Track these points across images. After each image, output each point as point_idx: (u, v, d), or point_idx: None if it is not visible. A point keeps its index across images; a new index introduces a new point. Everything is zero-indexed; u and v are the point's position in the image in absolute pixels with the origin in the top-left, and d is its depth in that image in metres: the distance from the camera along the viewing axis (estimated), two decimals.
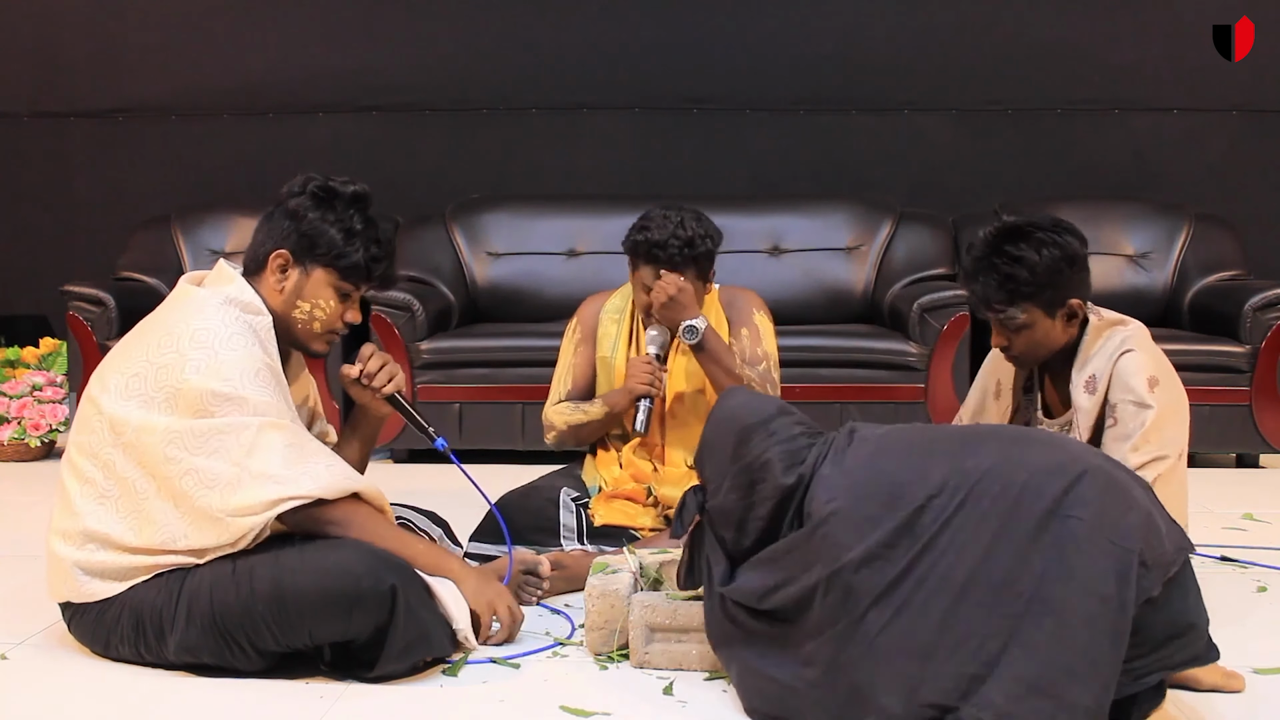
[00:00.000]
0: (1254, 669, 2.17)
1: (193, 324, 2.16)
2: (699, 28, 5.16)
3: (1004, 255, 2.31)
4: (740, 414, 2.03)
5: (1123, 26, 5.09)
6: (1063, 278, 2.32)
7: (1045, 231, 2.33)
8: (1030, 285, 2.30)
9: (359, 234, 2.24)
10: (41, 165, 5.37)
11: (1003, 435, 1.95)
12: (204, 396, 2.10)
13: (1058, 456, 1.82)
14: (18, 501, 3.78)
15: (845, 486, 1.87)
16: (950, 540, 1.77)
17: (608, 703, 2.03)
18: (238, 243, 4.93)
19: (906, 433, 1.99)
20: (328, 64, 5.22)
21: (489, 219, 4.89)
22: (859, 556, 1.79)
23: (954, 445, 1.89)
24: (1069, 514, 1.74)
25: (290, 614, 2.05)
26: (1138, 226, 4.83)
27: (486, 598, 2.26)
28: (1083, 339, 2.40)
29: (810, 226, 4.83)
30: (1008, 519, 1.75)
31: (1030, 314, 2.34)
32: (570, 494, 2.87)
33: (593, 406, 2.90)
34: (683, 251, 2.77)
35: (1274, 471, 4.32)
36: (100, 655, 2.21)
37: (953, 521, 1.77)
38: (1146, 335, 2.43)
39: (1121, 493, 1.79)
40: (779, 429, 1.98)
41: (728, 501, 2.00)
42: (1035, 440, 1.91)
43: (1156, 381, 2.34)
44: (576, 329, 3.03)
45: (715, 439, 2.05)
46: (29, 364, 4.56)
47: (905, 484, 1.83)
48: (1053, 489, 1.76)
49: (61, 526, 2.18)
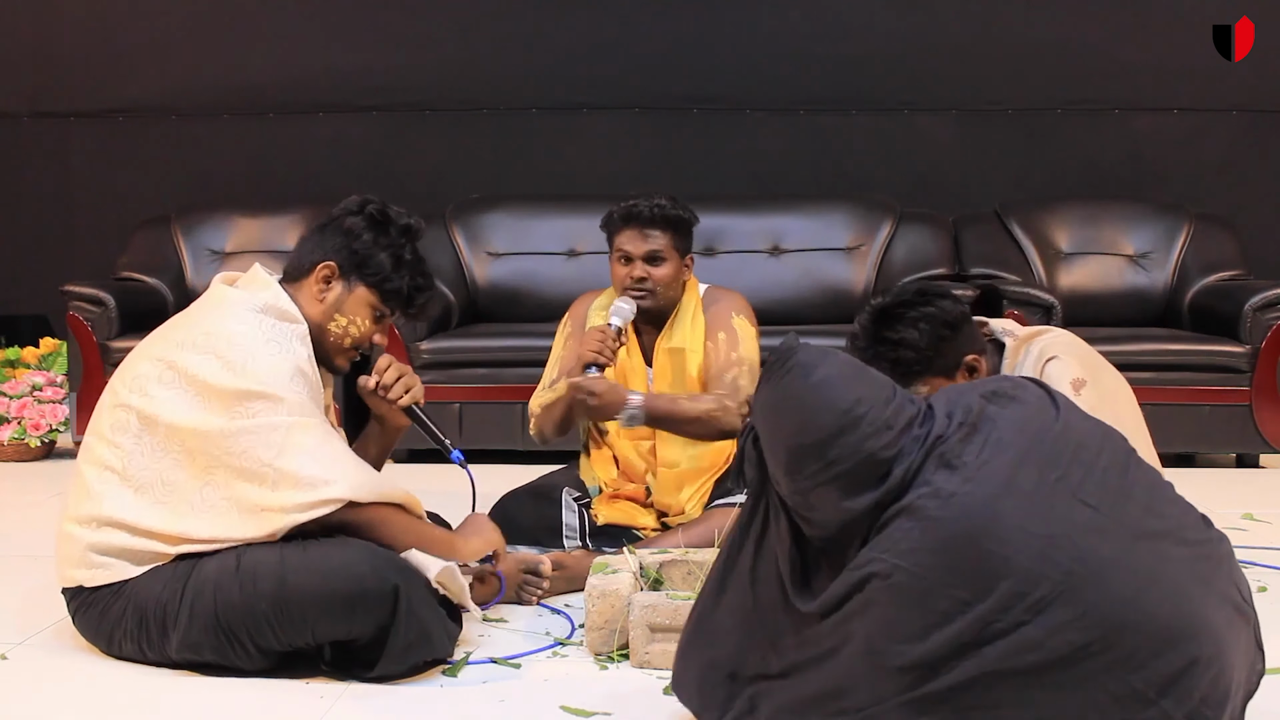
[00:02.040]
0: None
1: (229, 326, 2.17)
2: (699, 28, 5.16)
3: (885, 342, 2.29)
4: (830, 409, 1.65)
5: (1123, 26, 5.10)
6: (947, 344, 2.30)
7: (914, 307, 2.30)
8: (919, 363, 2.29)
9: (407, 264, 2.30)
10: (41, 165, 5.37)
11: (1137, 527, 1.59)
12: (239, 396, 2.10)
13: (1182, 617, 1.53)
14: (18, 501, 3.78)
15: (923, 542, 1.56)
16: (1004, 679, 1.51)
17: (608, 703, 2.03)
18: (238, 243, 4.94)
19: (1036, 452, 1.62)
20: (328, 64, 5.22)
21: (489, 219, 4.90)
22: (908, 663, 1.53)
23: (1082, 520, 1.56)
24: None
25: (293, 613, 2.05)
26: (1138, 226, 4.83)
27: (483, 537, 2.35)
28: (1001, 364, 2.40)
29: (810, 226, 4.83)
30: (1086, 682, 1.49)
31: (932, 384, 2.31)
32: (572, 493, 2.87)
33: (559, 384, 2.90)
34: (662, 208, 2.87)
35: (1274, 471, 4.32)
36: (103, 652, 2.21)
37: (1019, 668, 1.50)
38: (1069, 339, 2.42)
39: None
40: (895, 420, 1.65)
41: (801, 490, 1.68)
42: (1170, 560, 1.59)
43: (1082, 383, 2.32)
44: (567, 324, 3.06)
45: (790, 420, 1.67)
46: (29, 364, 4.56)
47: (997, 571, 1.52)
48: (1155, 678, 1.50)
49: (76, 511, 2.17)
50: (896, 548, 1.57)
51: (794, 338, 1.74)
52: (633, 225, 2.88)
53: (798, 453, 1.65)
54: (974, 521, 1.55)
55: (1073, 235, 4.84)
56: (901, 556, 1.56)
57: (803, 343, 1.73)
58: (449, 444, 2.43)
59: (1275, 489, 4.02)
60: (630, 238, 2.88)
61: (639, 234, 2.88)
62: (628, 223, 2.89)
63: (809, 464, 1.64)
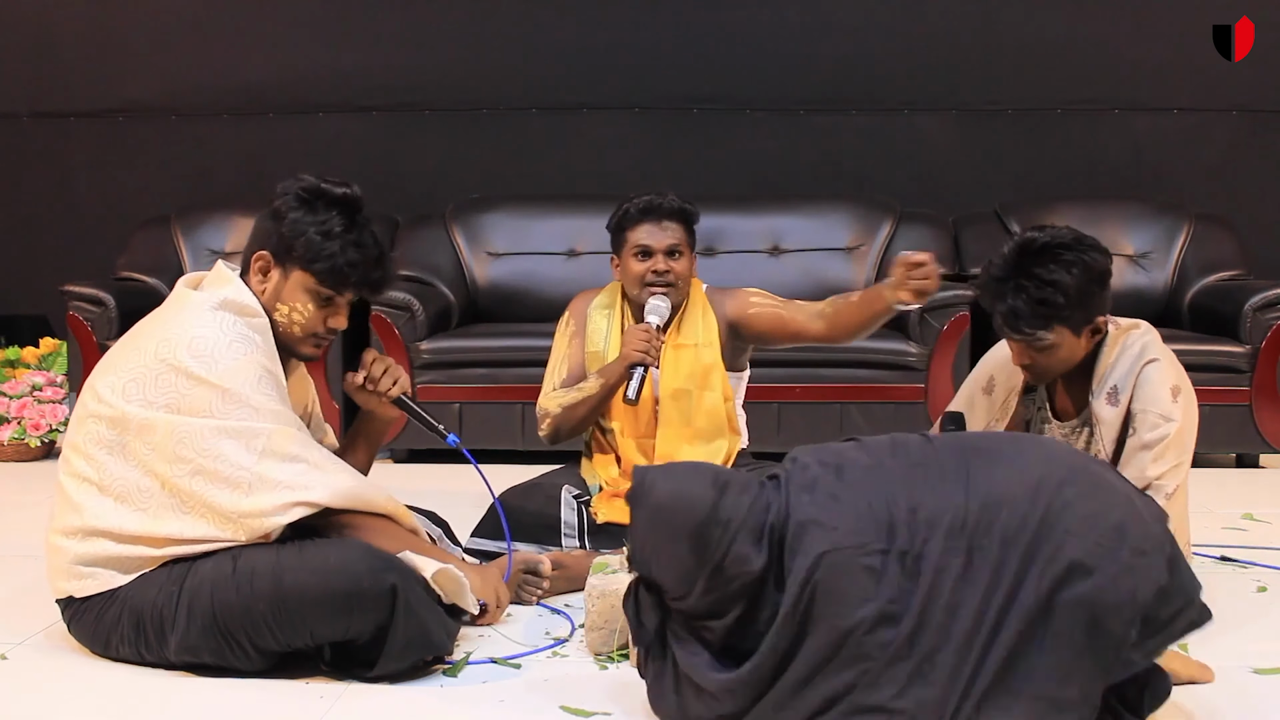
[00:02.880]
0: (1254, 669, 2.18)
1: (190, 330, 2.15)
2: (699, 28, 5.16)
3: (1033, 278, 2.26)
4: (679, 513, 1.82)
5: (1123, 26, 5.09)
6: (1093, 298, 2.29)
7: (1071, 250, 2.28)
8: (1065, 309, 2.26)
9: (337, 237, 2.19)
10: (41, 165, 5.37)
11: (971, 454, 1.85)
12: (210, 400, 2.10)
13: (1034, 473, 1.79)
14: (18, 501, 3.78)
15: (831, 536, 1.77)
16: (951, 592, 1.73)
17: (608, 703, 2.03)
18: (237, 243, 4.92)
19: (863, 456, 1.88)
20: (328, 64, 5.21)
21: (489, 219, 4.90)
22: (871, 616, 1.73)
23: (930, 472, 1.83)
24: (1050, 532, 1.72)
25: (291, 613, 2.05)
26: (1138, 226, 4.83)
27: (490, 586, 2.35)
28: (1100, 348, 2.39)
29: (810, 226, 4.83)
30: (1000, 563, 1.72)
31: (1059, 335, 2.30)
32: (571, 491, 2.87)
33: (587, 384, 2.89)
34: (675, 203, 2.90)
35: (1274, 471, 4.32)
36: (100, 655, 2.21)
37: (949, 568, 1.73)
38: (1159, 338, 2.42)
39: (1104, 488, 1.79)
40: (729, 512, 1.81)
41: (703, 603, 1.83)
42: (1005, 455, 1.85)
43: (1179, 391, 2.33)
44: (569, 321, 3.05)
45: (661, 548, 1.84)
46: (29, 364, 4.56)
47: (896, 524, 1.77)
48: (1035, 511, 1.74)
49: (61, 524, 2.18)
50: (815, 546, 1.75)
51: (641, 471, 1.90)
52: (651, 219, 2.90)
53: (702, 527, 1.79)
54: (860, 496, 1.79)
55: None
56: (826, 544, 1.75)
57: (644, 474, 1.89)
58: (443, 429, 2.43)
59: (1275, 489, 4.01)
60: (650, 231, 2.89)
61: (658, 227, 2.89)
62: (646, 216, 2.90)
63: (713, 532, 1.79)
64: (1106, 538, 1.72)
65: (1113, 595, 1.69)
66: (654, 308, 2.87)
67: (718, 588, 1.80)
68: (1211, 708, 1.99)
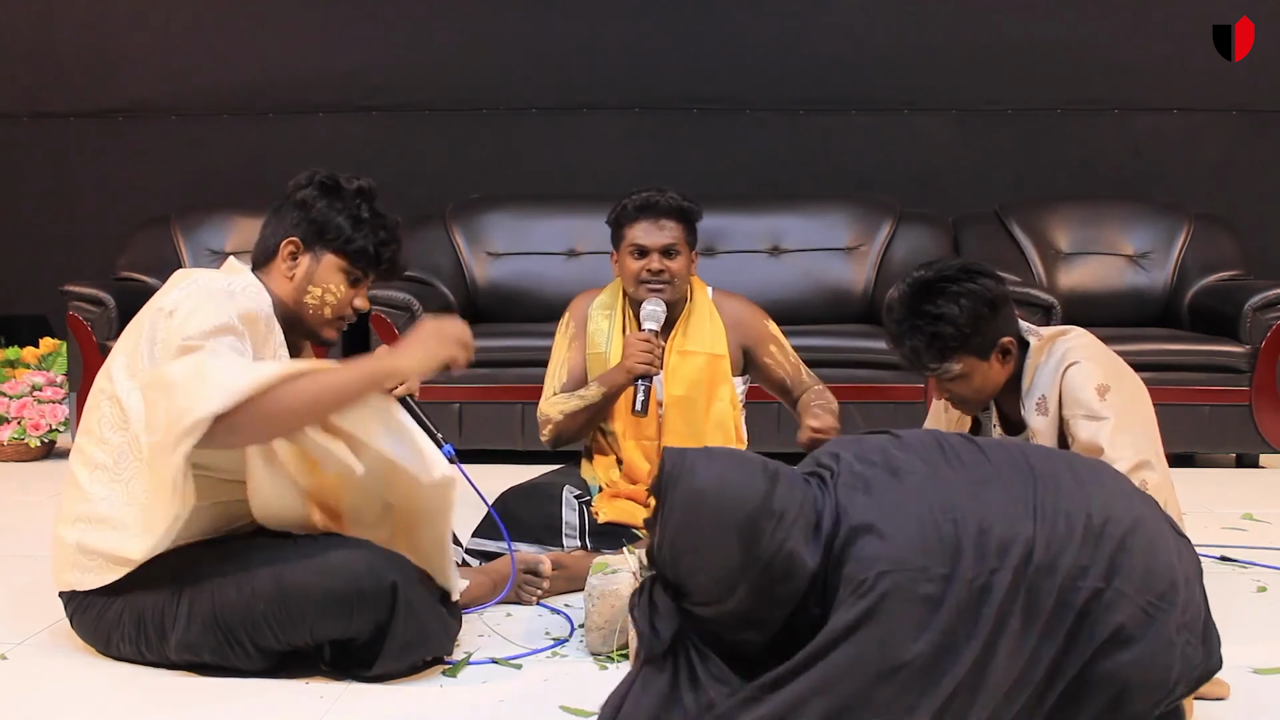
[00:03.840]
0: (1254, 669, 2.18)
1: (174, 295, 2.14)
2: (699, 28, 5.16)
3: (924, 315, 2.28)
4: (727, 501, 1.63)
5: (1123, 26, 5.10)
6: (987, 322, 2.29)
7: (957, 282, 2.28)
8: (956, 339, 2.27)
9: (366, 221, 2.30)
10: (41, 165, 5.37)
11: (1037, 476, 1.72)
12: (167, 324, 2.06)
13: (1097, 513, 1.68)
14: (18, 501, 3.78)
15: (892, 549, 1.60)
16: (1013, 638, 1.61)
17: None
18: (238, 243, 4.93)
19: (916, 459, 1.73)
20: (328, 64, 5.22)
21: (489, 219, 4.90)
22: (927, 651, 1.57)
23: (995, 488, 1.70)
24: (1107, 586, 1.64)
25: (291, 612, 2.05)
26: (1138, 226, 4.83)
27: (436, 349, 2.16)
28: (1025, 362, 2.40)
29: (810, 226, 4.83)
30: (1056, 616, 1.63)
31: (965, 363, 2.30)
32: (573, 491, 2.86)
33: (589, 391, 2.88)
34: (675, 199, 2.86)
35: (1274, 471, 4.32)
36: (101, 653, 2.21)
37: (1013, 611, 1.61)
38: (1090, 340, 2.40)
39: (1164, 540, 1.72)
40: (783, 504, 1.64)
41: (740, 609, 1.65)
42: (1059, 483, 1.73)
43: (1107, 388, 2.31)
44: (569, 324, 3.02)
45: (702, 541, 1.64)
46: (29, 364, 4.56)
47: (962, 549, 1.61)
48: (1097, 563, 1.64)
49: (70, 513, 2.17)
50: (877, 559, 1.60)
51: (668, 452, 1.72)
52: (648, 217, 2.85)
53: (752, 519, 1.62)
54: (924, 506, 1.65)
55: (1073, 235, 4.84)
56: (889, 563, 1.60)
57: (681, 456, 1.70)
58: (441, 438, 2.42)
59: (1275, 489, 4.01)
60: (646, 230, 2.85)
61: (654, 226, 2.85)
62: (643, 214, 2.86)
63: (765, 523, 1.63)
64: (1156, 605, 1.64)
65: (1149, 673, 1.63)
66: (650, 314, 2.84)
67: (762, 592, 1.62)
68: (1212, 708, 1.99)
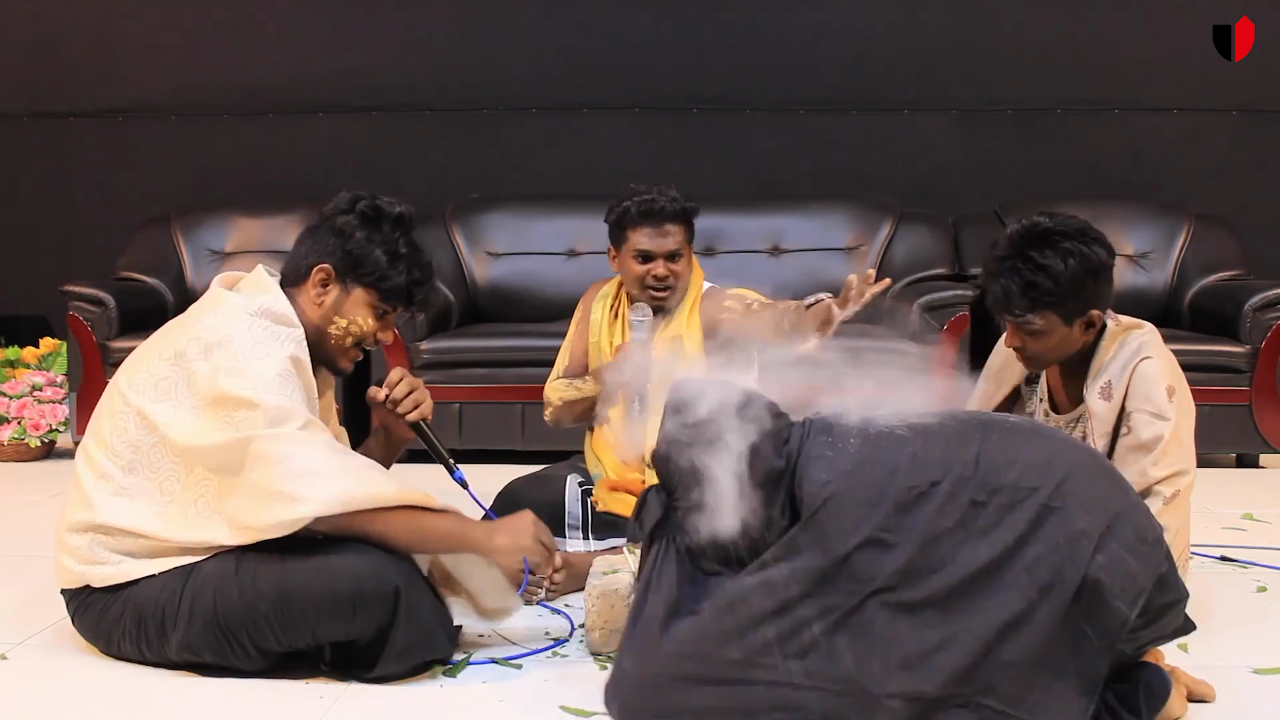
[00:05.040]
0: (1254, 669, 2.18)
1: (222, 333, 2.14)
2: (699, 28, 5.16)
3: (1028, 261, 2.26)
4: (717, 391, 1.93)
5: (1123, 26, 5.09)
6: (1086, 289, 2.28)
7: (1072, 240, 2.28)
8: (1052, 295, 2.26)
9: (403, 257, 2.25)
10: (41, 165, 5.37)
11: (990, 426, 1.91)
12: (227, 404, 2.08)
13: (1048, 450, 1.85)
14: (18, 501, 3.78)
15: (839, 470, 1.84)
16: (949, 539, 1.77)
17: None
18: (238, 243, 4.94)
19: (890, 420, 1.93)
20: (328, 64, 5.22)
21: (489, 219, 4.90)
22: (859, 540, 1.78)
23: (945, 433, 1.88)
24: (1061, 504, 1.78)
25: (294, 614, 2.05)
26: (1138, 226, 4.83)
27: (528, 544, 2.19)
28: (1099, 343, 2.38)
29: (810, 226, 4.84)
30: (1001, 517, 1.77)
31: (1048, 321, 2.29)
32: (577, 479, 2.88)
33: (585, 383, 2.91)
34: (676, 202, 2.83)
35: (1274, 471, 4.32)
36: (102, 652, 2.22)
37: (947, 512, 1.78)
38: (1160, 340, 2.41)
39: (1112, 480, 1.86)
40: (754, 411, 1.91)
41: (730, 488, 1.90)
42: (1023, 432, 1.91)
43: (1174, 390, 2.31)
44: (579, 310, 3.06)
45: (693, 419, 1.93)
46: (29, 364, 4.56)
47: (899, 469, 1.82)
48: (1046, 482, 1.79)
49: (75, 517, 2.17)
50: (821, 476, 1.84)
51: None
52: (653, 222, 2.83)
53: (736, 402, 1.90)
54: (867, 437, 1.87)
55: None
56: (830, 474, 1.84)
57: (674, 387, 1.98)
58: (453, 463, 2.41)
59: (1275, 489, 4.02)
60: (649, 235, 2.83)
61: (658, 231, 2.83)
62: (646, 219, 2.83)
63: (749, 405, 1.90)
64: (1114, 521, 1.77)
65: (1117, 574, 1.74)
66: (637, 324, 2.83)
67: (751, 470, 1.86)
68: (1212, 707, 1.99)
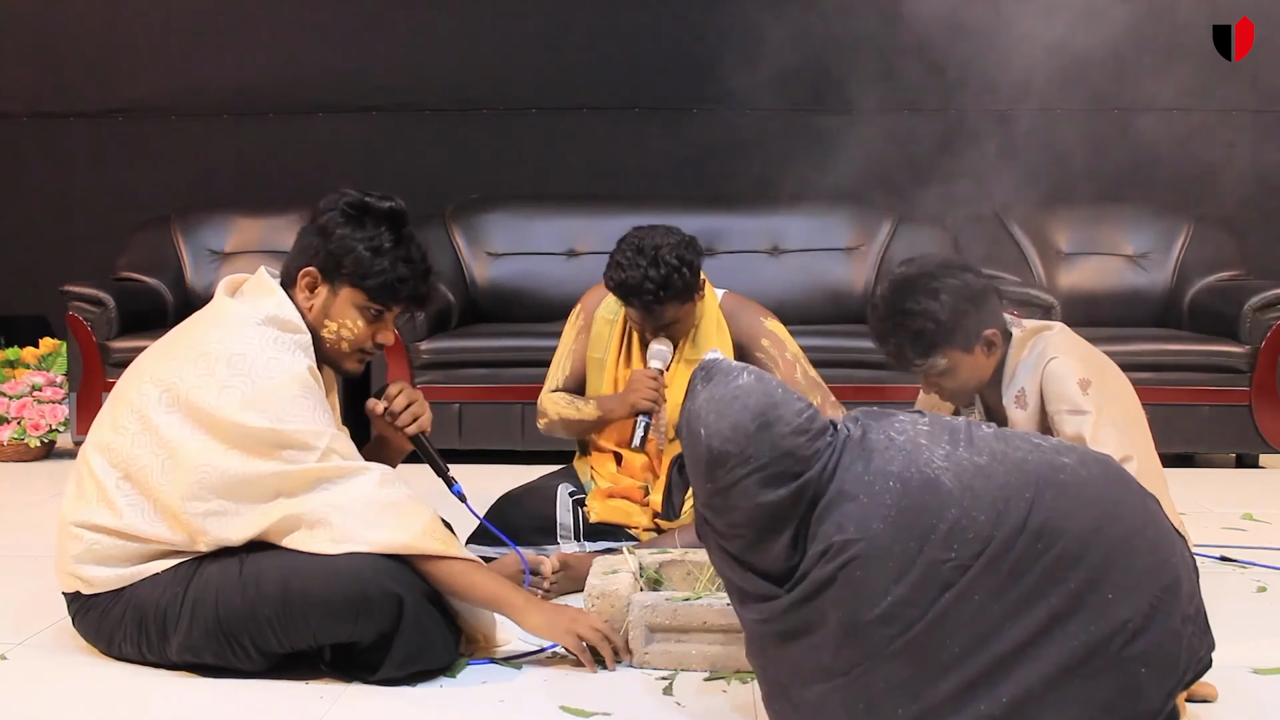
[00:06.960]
0: (1254, 669, 2.18)
1: (230, 347, 2.12)
2: (699, 28, 5.16)
3: (905, 314, 2.28)
4: (753, 386, 1.79)
5: (1122, 27, 5.09)
6: (969, 316, 2.29)
7: (935, 278, 2.29)
8: (939, 334, 2.28)
9: (387, 253, 2.18)
10: (41, 165, 5.37)
11: (1044, 484, 1.76)
12: (240, 431, 2.06)
13: (1098, 516, 1.73)
14: (18, 501, 3.78)
15: (870, 529, 1.70)
16: (981, 616, 1.68)
17: (608, 703, 2.03)
18: (238, 243, 4.94)
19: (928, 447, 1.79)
20: (328, 64, 5.21)
21: (489, 219, 4.90)
22: (882, 613, 1.68)
23: (992, 490, 1.74)
24: (1104, 580, 1.69)
25: (296, 617, 2.05)
26: (1138, 226, 4.83)
27: (563, 627, 2.18)
28: (1007, 354, 2.40)
29: (810, 226, 4.84)
30: (1040, 590, 1.68)
31: (950, 357, 2.30)
32: (568, 489, 2.86)
33: (587, 407, 2.88)
34: (658, 295, 2.68)
35: (1274, 471, 4.32)
36: (103, 653, 2.22)
37: (980, 584, 1.68)
38: (1070, 336, 2.40)
39: (1160, 545, 1.77)
40: (798, 416, 1.78)
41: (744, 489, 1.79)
42: (1076, 487, 1.77)
43: (1089, 383, 2.30)
44: (580, 315, 3.01)
45: (726, 407, 1.79)
46: (29, 364, 4.56)
47: (935, 536, 1.70)
48: (1091, 553, 1.70)
49: (75, 518, 2.17)
50: (850, 526, 1.71)
51: (715, 352, 1.90)
52: (640, 308, 2.74)
53: (719, 453, 1.75)
54: (909, 486, 1.72)
55: (1073, 235, 4.84)
56: (859, 530, 1.70)
57: (722, 358, 1.87)
58: (451, 477, 2.41)
59: (1275, 489, 4.01)
60: (641, 317, 2.77)
61: (648, 314, 2.75)
62: (629, 305, 2.76)
63: (729, 461, 1.75)
64: (1159, 599, 1.69)
65: (1159, 662, 1.67)
66: (656, 353, 2.80)
67: (724, 490, 1.76)
68: (1212, 708, 1.99)
